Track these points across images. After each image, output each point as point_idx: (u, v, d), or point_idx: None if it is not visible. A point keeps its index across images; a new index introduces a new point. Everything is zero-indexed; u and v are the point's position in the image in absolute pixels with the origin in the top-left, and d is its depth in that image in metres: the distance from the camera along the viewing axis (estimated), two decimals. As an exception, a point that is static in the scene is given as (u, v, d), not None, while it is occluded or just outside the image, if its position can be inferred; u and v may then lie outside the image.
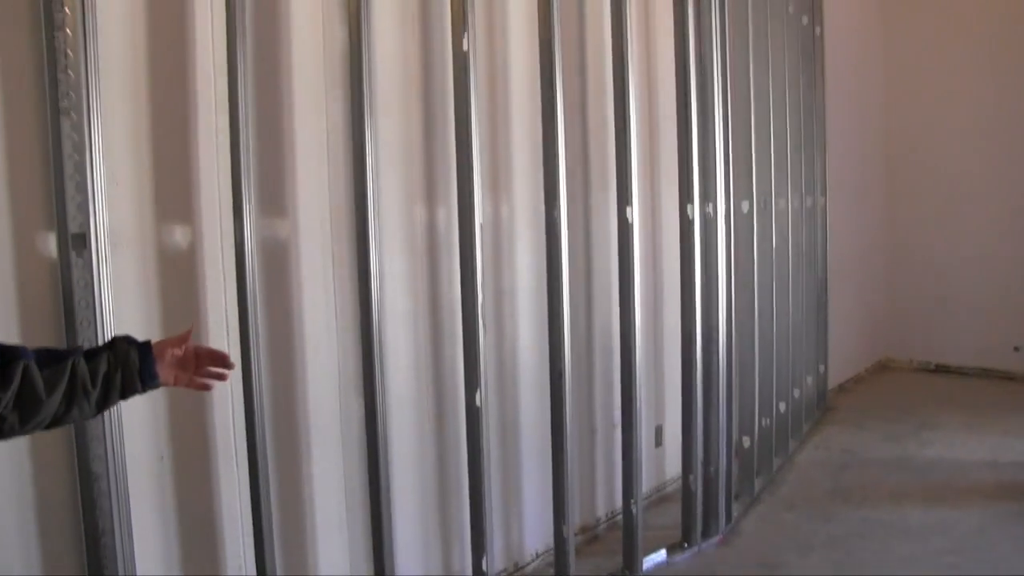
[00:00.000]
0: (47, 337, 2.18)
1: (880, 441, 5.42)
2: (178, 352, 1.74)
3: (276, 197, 2.76)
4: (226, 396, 2.61)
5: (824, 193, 5.86)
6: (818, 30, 5.74)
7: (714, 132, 3.97)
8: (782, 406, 5.05)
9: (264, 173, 2.65)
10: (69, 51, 2.13)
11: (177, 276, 2.52)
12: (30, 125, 2.16)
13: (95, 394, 1.61)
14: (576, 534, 3.75)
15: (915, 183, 7.13)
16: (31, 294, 2.19)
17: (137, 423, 2.36)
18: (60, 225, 2.17)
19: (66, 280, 2.18)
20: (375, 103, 2.79)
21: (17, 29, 2.14)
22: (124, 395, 1.67)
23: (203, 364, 1.78)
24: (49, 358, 1.58)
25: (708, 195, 3.96)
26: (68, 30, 2.12)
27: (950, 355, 7.09)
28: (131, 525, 2.25)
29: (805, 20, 5.48)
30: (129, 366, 1.65)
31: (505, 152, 3.55)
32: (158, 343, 1.73)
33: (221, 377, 1.81)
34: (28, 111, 2.16)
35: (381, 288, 2.84)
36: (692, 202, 3.86)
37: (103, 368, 1.63)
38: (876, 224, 7.16)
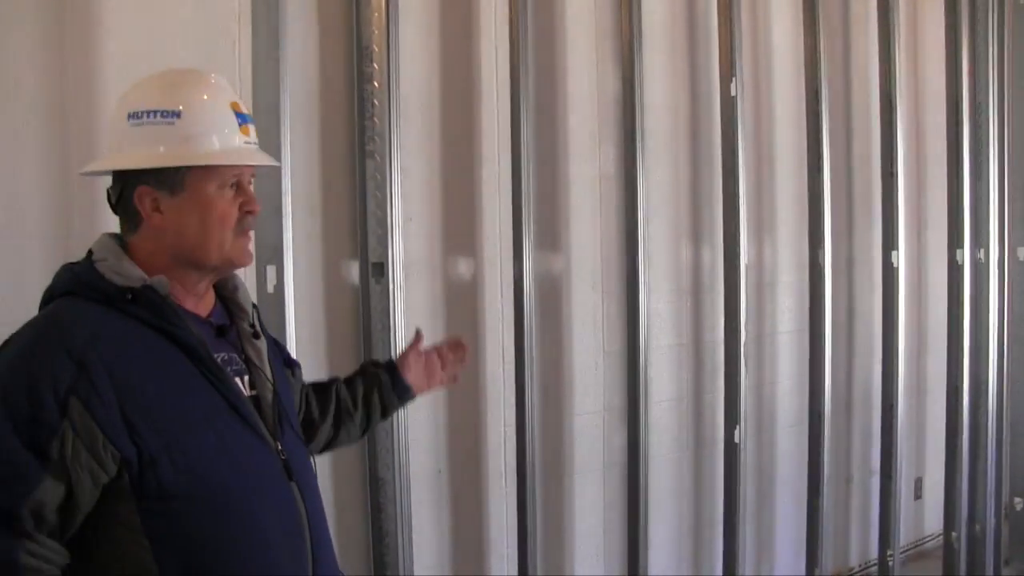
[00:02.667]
0: (348, 352, 2.48)
1: None
2: (419, 359, 1.84)
3: (552, 235, 2.98)
4: (499, 419, 2.84)
5: None
6: None
7: (988, 173, 3.81)
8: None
9: (541, 213, 2.86)
10: (376, 101, 2.42)
11: (461, 304, 2.79)
12: (341, 165, 2.49)
13: (358, 415, 1.76)
14: (828, 580, 3.68)
15: None
16: (336, 314, 2.51)
17: (421, 439, 2.62)
18: (362, 254, 2.47)
19: (366, 303, 2.48)
20: (646, 148, 2.94)
21: (334, 80, 2.47)
22: (385, 413, 1.80)
23: (446, 360, 1.88)
24: (317, 388, 1.76)
25: (980, 240, 3.81)
26: (375, 82, 2.41)
27: None
28: (412, 528, 2.48)
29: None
30: (382, 385, 1.77)
31: (769, 194, 3.60)
32: (400, 356, 1.84)
33: (461, 363, 1.90)
34: (340, 153, 2.49)
35: (648, 324, 2.97)
36: (962, 247, 3.72)
37: (360, 391, 1.77)
38: None
